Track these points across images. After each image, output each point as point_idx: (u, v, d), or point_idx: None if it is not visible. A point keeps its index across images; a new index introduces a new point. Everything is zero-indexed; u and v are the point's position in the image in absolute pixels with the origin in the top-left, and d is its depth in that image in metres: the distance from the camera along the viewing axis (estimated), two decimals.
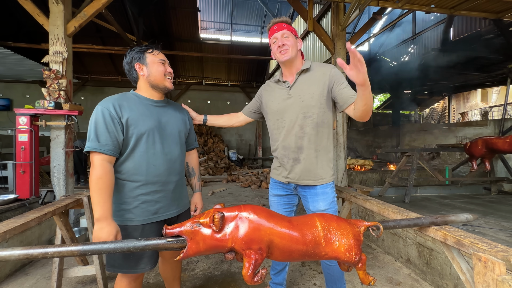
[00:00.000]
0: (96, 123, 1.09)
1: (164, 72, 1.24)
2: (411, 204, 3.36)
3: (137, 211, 1.15)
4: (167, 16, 7.43)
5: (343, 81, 1.34)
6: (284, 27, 1.34)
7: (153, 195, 1.18)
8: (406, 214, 1.39)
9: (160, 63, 1.23)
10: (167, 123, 1.26)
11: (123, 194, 1.15)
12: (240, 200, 4.79)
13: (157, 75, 1.22)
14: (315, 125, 1.37)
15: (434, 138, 6.92)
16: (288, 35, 1.34)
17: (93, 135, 1.08)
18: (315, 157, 1.39)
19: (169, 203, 1.24)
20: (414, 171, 3.49)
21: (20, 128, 2.67)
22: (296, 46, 1.36)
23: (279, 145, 1.45)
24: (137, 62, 1.21)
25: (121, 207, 1.16)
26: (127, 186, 1.15)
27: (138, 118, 1.15)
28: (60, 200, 1.64)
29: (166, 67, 1.26)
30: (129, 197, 1.15)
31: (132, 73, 1.24)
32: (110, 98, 1.16)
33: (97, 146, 1.06)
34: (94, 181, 1.04)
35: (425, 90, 9.56)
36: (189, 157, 1.50)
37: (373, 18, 3.90)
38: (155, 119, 1.21)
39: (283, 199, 1.53)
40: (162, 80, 1.24)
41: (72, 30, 2.94)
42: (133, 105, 1.18)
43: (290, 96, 1.39)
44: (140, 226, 1.16)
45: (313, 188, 1.41)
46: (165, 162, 1.21)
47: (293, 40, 1.35)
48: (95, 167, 1.05)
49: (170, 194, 1.24)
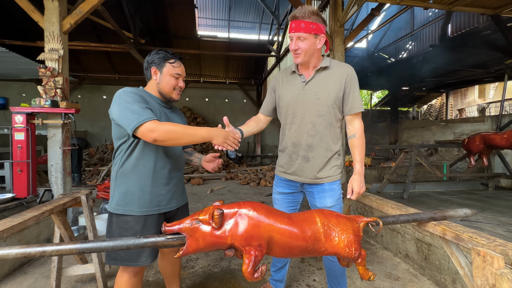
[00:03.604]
0: (126, 103, 1.07)
1: (174, 86, 1.26)
2: (410, 200, 3.38)
3: (142, 201, 1.18)
4: (164, 13, 7.36)
5: (356, 88, 1.36)
6: (301, 28, 1.23)
7: (157, 188, 1.22)
8: (405, 210, 1.40)
9: (173, 77, 1.25)
10: (175, 122, 1.31)
11: (129, 184, 1.18)
12: (239, 197, 4.80)
13: (166, 87, 1.25)
14: (328, 124, 1.37)
15: (432, 135, 6.95)
16: (304, 38, 1.25)
17: (130, 114, 1.04)
18: (325, 157, 1.39)
19: (171, 196, 1.28)
20: (413, 167, 3.51)
21: (16, 127, 2.64)
22: (311, 49, 1.29)
23: (289, 141, 1.44)
24: (154, 66, 1.24)
25: (126, 196, 1.18)
26: (134, 177, 1.17)
27: (155, 112, 1.18)
28: (58, 199, 1.63)
29: (179, 82, 1.27)
30: (135, 187, 1.17)
31: (147, 72, 1.28)
32: (128, 88, 1.16)
33: (146, 116, 1.04)
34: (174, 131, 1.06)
35: (423, 87, 9.58)
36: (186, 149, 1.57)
37: (372, 14, 3.88)
38: (167, 118, 1.27)
39: (288, 197, 1.53)
40: (169, 92, 1.27)
41: (67, 27, 2.90)
42: (149, 100, 1.20)
43: (305, 91, 1.36)
44: (143, 217, 1.18)
45: (321, 185, 1.41)
46: (171, 158, 1.27)
47: (309, 43, 1.25)
48: (155, 130, 1.03)
49: (172, 188, 1.29)
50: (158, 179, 1.21)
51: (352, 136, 1.38)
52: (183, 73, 1.28)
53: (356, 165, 1.35)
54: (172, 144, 1.10)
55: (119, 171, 1.19)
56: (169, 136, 1.05)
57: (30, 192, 2.66)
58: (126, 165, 1.18)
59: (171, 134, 1.06)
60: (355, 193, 1.33)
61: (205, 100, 10.59)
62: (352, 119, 1.38)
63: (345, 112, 1.38)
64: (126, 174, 1.18)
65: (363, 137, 1.38)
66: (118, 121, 1.09)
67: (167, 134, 1.05)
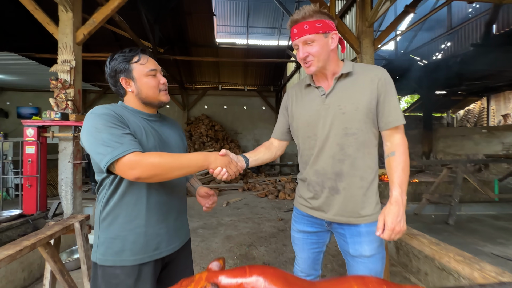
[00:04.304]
0: (97, 131, 0.82)
1: (157, 86, 0.98)
2: (457, 226, 2.84)
3: (136, 247, 0.91)
4: (183, 22, 7.40)
5: (393, 94, 1.03)
6: (305, 30, 0.99)
7: (154, 227, 0.95)
8: (478, 267, 1.01)
9: (150, 75, 0.98)
10: (167, 139, 1.04)
11: (116, 226, 0.91)
12: (256, 212, 4.48)
13: (149, 91, 0.98)
14: (360, 145, 1.04)
15: (475, 145, 6.14)
16: (312, 40, 1.00)
17: (101, 147, 0.80)
18: (360, 187, 1.05)
19: (172, 234, 1.01)
20: (459, 187, 2.97)
21: (28, 140, 2.59)
22: (325, 52, 1.02)
23: (310, 170, 1.12)
24: (122, 76, 0.97)
25: (115, 242, 0.91)
26: (123, 217, 0.91)
27: (139, 133, 0.92)
28: (44, 229, 1.44)
29: (159, 78, 1.00)
30: (125, 230, 0.91)
31: (118, 89, 1.00)
32: (101, 106, 0.92)
33: (123, 148, 0.80)
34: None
35: (462, 90, 8.66)
36: None
37: (406, 11, 3.45)
38: (156, 135, 0.99)
39: (311, 237, 1.19)
40: (155, 95, 0.99)
41: (81, 38, 2.84)
42: (130, 118, 0.94)
43: (326, 106, 1.06)
44: (137, 267, 0.91)
45: (356, 227, 1.07)
46: (168, 185, 0.99)
47: (319, 45, 1.00)
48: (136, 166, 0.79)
49: (173, 223, 1.01)
50: (154, 216, 0.95)
51: (391, 155, 1.03)
52: (157, 67, 1.00)
53: (393, 190, 0.97)
54: (161, 179, 0.85)
55: (103, 212, 0.93)
56: (155, 171, 0.81)
57: (38, 208, 2.57)
58: (111, 203, 0.92)
59: (158, 168, 0.81)
60: (388, 231, 0.92)
61: (224, 107, 10.51)
62: (391, 134, 1.04)
63: (381, 127, 1.06)
64: (112, 214, 0.92)
65: (406, 155, 1.02)
66: (90, 155, 0.85)
67: (153, 169, 0.80)
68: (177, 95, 10.04)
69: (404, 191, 0.97)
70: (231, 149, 9.12)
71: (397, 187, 0.97)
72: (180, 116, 10.18)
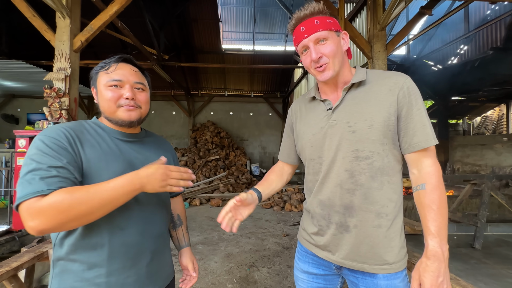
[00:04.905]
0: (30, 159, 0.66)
1: (114, 100, 0.79)
2: (485, 251, 2.52)
3: None
4: (189, 29, 7.37)
5: (419, 107, 0.80)
6: (317, 26, 0.81)
7: (119, 275, 0.74)
8: None
9: (110, 87, 0.79)
10: (142, 164, 0.78)
11: (70, 276, 0.72)
12: (260, 226, 4.24)
13: (105, 105, 0.80)
14: (376, 172, 0.82)
15: (497, 155, 5.71)
16: (325, 38, 0.82)
17: (19, 182, 0.63)
18: (377, 227, 0.82)
19: (145, 281, 0.79)
20: (486, 205, 2.65)
21: (19, 152, 2.48)
22: (340, 53, 0.84)
23: (314, 199, 0.92)
24: (92, 86, 0.85)
25: None
26: (79, 265, 0.72)
27: (100, 159, 0.74)
28: (12, 258, 1.26)
29: (120, 91, 0.80)
30: (81, 280, 0.71)
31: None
32: (56, 126, 0.75)
33: (32, 188, 0.61)
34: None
35: (481, 96, 8.21)
36: (173, 204, 1.06)
37: (421, 13, 3.21)
38: (125, 160, 0.79)
39: (318, 281, 0.96)
40: (112, 111, 0.80)
41: (78, 45, 2.75)
42: (94, 139, 0.77)
43: (332, 123, 0.86)
44: None
45: (372, 277, 0.84)
46: (138, 223, 0.78)
47: (334, 44, 0.82)
48: (37, 214, 0.60)
49: (143, 270, 0.79)
50: (118, 261, 0.74)
51: (420, 187, 0.80)
52: (126, 77, 0.80)
53: (429, 240, 0.75)
54: (80, 225, 0.66)
55: (55, 255, 0.74)
56: (61, 217, 0.61)
57: None
58: (65, 247, 0.72)
59: (66, 212, 0.61)
60: None
61: (230, 114, 10.39)
62: (418, 158, 0.81)
63: (404, 149, 0.83)
64: (67, 259, 0.73)
65: (441, 188, 0.78)
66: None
67: (57, 215, 0.60)
68: (183, 102, 10.01)
69: (443, 239, 0.74)
70: (237, 156, 8.94)
71: (433, 236, 0.74)
72: (185, 122, 10.13)
